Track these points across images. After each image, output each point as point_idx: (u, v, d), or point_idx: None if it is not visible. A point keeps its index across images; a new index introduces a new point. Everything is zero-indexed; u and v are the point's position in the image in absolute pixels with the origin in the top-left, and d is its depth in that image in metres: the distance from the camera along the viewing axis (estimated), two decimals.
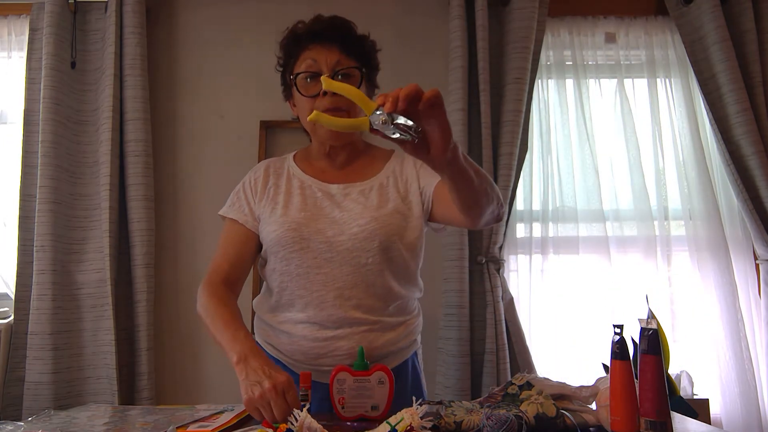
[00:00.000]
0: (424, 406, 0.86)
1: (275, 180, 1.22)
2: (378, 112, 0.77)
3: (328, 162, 1.23)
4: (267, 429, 0.87)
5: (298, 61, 1.17)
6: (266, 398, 0.91)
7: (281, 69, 1.25)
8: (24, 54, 1.96)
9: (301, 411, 0.86)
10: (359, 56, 1.18)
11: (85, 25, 1.97)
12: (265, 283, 1.24)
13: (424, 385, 1.27)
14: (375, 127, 0.78)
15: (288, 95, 1.25)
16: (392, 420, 0.86)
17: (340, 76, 1.14)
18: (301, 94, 1.16)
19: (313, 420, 0.84)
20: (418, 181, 1.19)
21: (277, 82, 1.26)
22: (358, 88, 1.14)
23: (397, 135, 0.78)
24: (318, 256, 1.11)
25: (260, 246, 1.20)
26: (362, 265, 1.11)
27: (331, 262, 1.11)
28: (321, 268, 1.11)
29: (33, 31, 1.94)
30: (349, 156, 1.23)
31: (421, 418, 0.85)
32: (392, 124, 0.76)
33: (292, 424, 0.85)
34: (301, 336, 1.12)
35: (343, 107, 1.13)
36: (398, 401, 1.09)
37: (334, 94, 1.10)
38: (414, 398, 0.92)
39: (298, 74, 1.16)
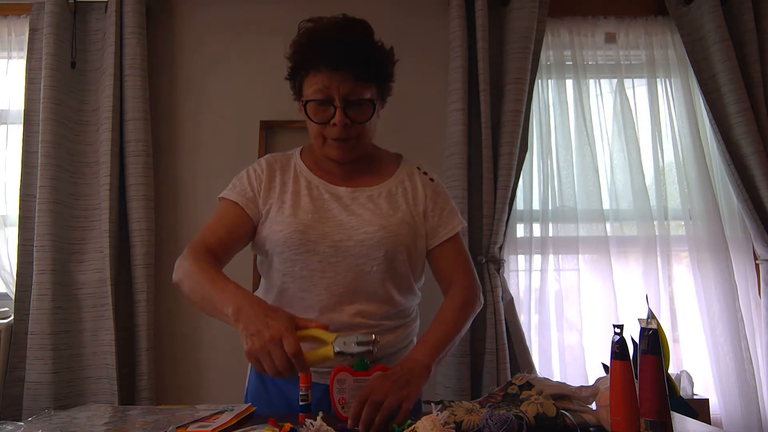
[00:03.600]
0: (445, 412, 0.86)
1: (282, 176, 1.19)
2: (336, 341, 0.89)
3: (335, 164, 1.19)
4: (273, 428, 0.87)
5: (308, 76, 1.10)
6: (266, 349, 0.85)
7: (290, 72, 1.16)
8: (24, 54, 1.96)
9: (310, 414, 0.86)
10: (373, 77, 1.11)
11: (85, 25, 1.97)
12: (263, 281, 1.23)
13: None
14: (337, 352, 0.88)
15: (297, 95, 1.18)
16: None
17: (353, 108, 1.09)
18: (311, 120, 1.11)
19: (323, 423, 0.84)
20: (425, 213, 1.19)
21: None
22: (369, 119, 1.12)
23: (359, 350, 0.88)
24: (323, 260, 1.11)
25: (252, 234, 1.17)
26: (366, 272, 1.11)
27: (335, 267, 1.11)
28: (325, 272, 1.11)
29: (33, 31, 1.94)
30: (356, 160, 1.20)
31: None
32: (354, 345, 0.88)
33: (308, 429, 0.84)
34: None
35: (352, 136, 1.11)
36: None
37: (345, 124, 1.08)
38: (433, 404, 0.93)
39: (308, 101, 1.10)
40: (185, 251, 1.11)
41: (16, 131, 1.96)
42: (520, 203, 1.97)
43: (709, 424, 1.70)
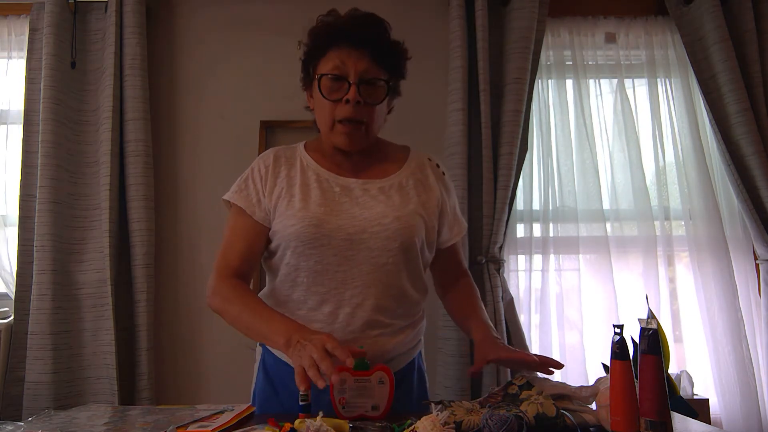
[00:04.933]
0: (445, 412, 0.86)
1: (287, 170, 1.17)
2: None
3: (343, 156, 1.18)
4: (273, 428, 0.87)
5: (325, 57, 1.12)
6: (311, 359, 0.91)
7: (304, 58, 1.18)
8: (24, 54, 1.96)
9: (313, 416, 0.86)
10: (389, 65, 1.14)
11: (85, 25, 1.97)
12: (270, 276, 1.21)
13: (428, 382, 1.28)
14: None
15: (307, 85, 1.20)
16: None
17: (366, 88, 1.10)
18: (323, 96, 1.11)
19: (323, 423, 0.83)
20: (441, 210, 1.21)
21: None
22: (382, 101, 1.14)
23: None
24: (338, 253, 1.09)
25: (268, 238, 1.17)
26: (382, 264, 1.10)
27: (351, 260, 1.09)
28: (341, 265, 1.10)
29: (33, 31, 1.94)
30: (364, 151, 1.20)
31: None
32: None
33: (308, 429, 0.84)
34: None
35: (363, 119, 1.11)
36: (407, 399, 1.10)
37: (357, 103, 1.09)
38: (433, 404, 0.92)
39: (323, 75, 1.11)
40: (214, 277, 1.15)
41: (16, 131, 1.96)
42: (520, 203, 1.97)
43: (709, 424, 1.70)
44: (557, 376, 1.88)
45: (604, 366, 1.69)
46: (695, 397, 1.76)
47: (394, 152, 1.25)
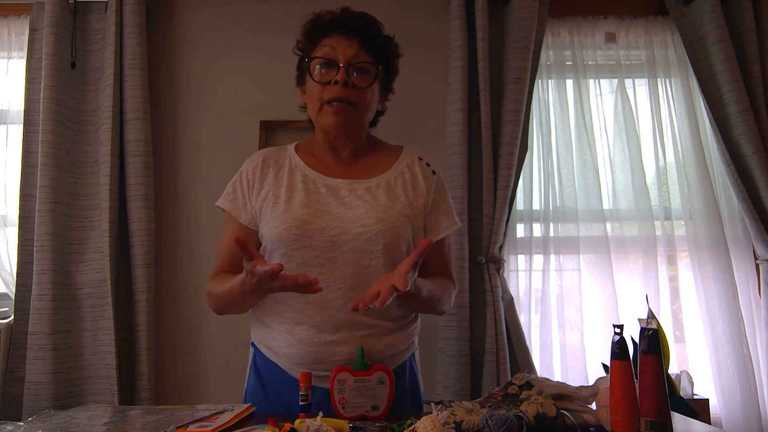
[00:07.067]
0: (445, 412, 0.86)
1: (275, 171, 1.18)
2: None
3: (333, 156, 1.20)
4: (273, 428, 0.87)
5: (317, 47, 1.16)
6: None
7: (300, 53, 1.22)
8: (24, 54, 1.96)
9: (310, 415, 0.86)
10: (379, 54, 1.17)
11: (85, 25, 1.97)
12: None
13: (421, 386, 1.25)
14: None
15: (301, 81, 1.22)
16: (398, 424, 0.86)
17: (355, 73, 1.13)
18: (313, 80, 1.14)
19: (322, 424, 0.83)
20: (426, 208, 1.19)
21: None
22: (371, 85, 1.15)
23: None
24: (321, 254, 1.09)
25: (258, 241, 1.17)
26: (365, 266, 1.09)
27: (333, 262, 1.09)
28: (323, 267, 1.09)
29: (33, 31, 1.94)
30: (354, 151, 1.20)
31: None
32: None
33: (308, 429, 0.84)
34: (298, 339, 1.10)
35: (353, 100, 1.12)
36: (396, 403, 1.09)
37: (345, 84, 1.10)
38: (433, 404, 0.92)
39: (313, 58, 1.14)
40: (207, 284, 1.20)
41: (16, 131, 1.96)
42: (520, 203, 1.97)
43: (709, 424, 1.70)
44: (557, 376, 1.90)
45: (604, 366, 1.69)
46: (695, 397, 1.76)
47: (385, 152, 1.24)
